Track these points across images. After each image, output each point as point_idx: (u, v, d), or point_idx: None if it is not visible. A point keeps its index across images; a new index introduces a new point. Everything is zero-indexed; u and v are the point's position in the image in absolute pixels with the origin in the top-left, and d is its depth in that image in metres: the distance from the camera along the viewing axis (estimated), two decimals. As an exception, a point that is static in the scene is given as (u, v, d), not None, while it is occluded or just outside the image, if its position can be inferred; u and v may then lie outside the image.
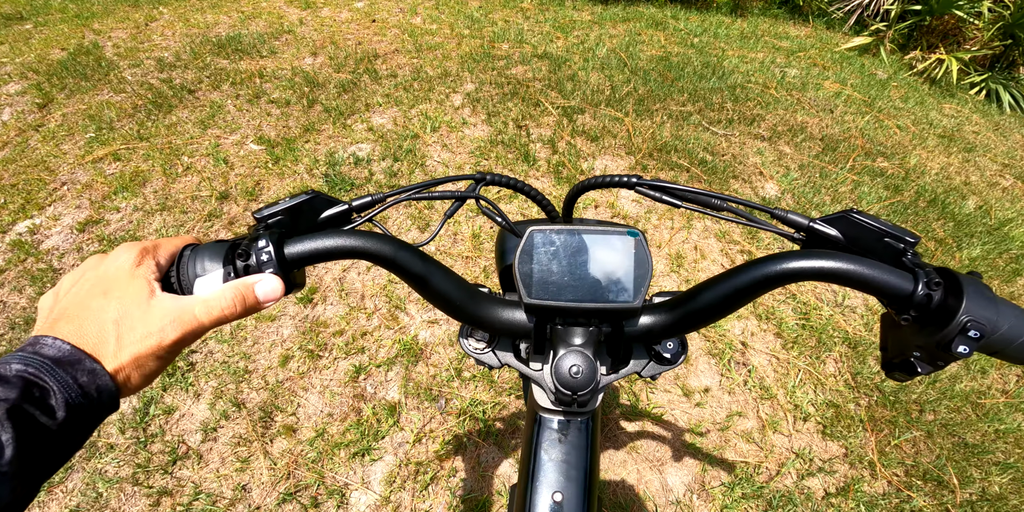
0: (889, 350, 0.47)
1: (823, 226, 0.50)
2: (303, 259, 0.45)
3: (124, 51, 3.65)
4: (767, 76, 3.82)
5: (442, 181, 0.58)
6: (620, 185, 0.57)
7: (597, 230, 0.47)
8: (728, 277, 0.47)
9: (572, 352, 0.48)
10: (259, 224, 0.49)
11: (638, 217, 2.39)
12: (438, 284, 0.49)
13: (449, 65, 3.51)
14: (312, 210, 0.52)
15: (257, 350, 1.76)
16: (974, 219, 2.73)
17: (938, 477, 1.63)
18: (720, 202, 0.54)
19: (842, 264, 0.43)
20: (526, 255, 0.48)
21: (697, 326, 0.49)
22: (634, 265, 0.47)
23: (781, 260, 0.44)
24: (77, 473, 1.45)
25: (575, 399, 0.49)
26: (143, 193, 2.37)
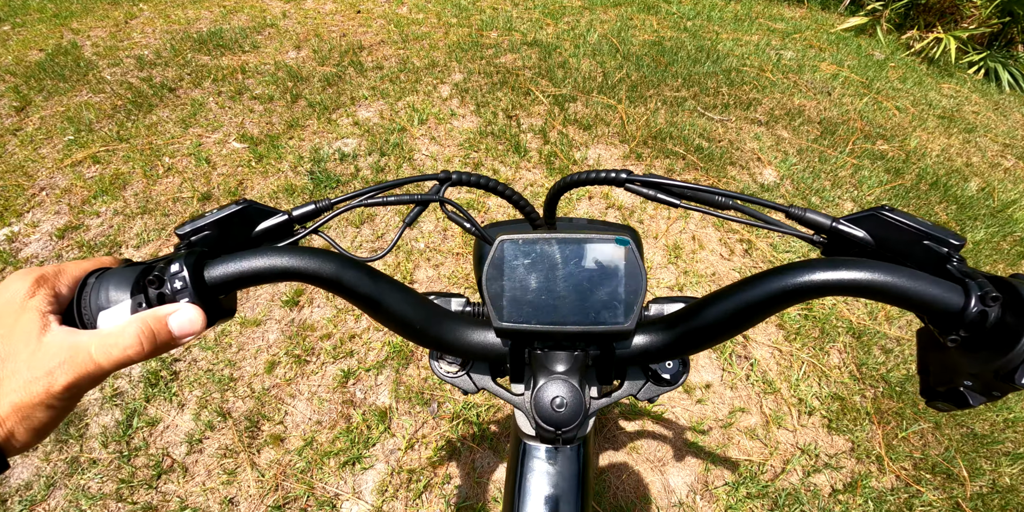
0: (932, 376, 0.39)
1: (849, 227, 0.43)
2: (226, 284, 0.39)
3: (103, 50, 3.56)
4: (762, 59, 3.73)
5: (400, 183, 0.51)
6: (607, 182, 0.49)
7: (578, 237, 0.40)
8: (738, 290, 0.40)
9: (554, 381, 0.42)
10: (181, 242, 0.43)
11: (633, 207, 2.32)
12: (392, 306, 0.42)
13: (436, 55, 3.42)
14: (245, 223, 0.45)
15: (242, 356, 1.70)
16: (977, 202, 2.67)
17: (947, 470, 1.59)
18: (725, 199, 0.47)
19: (875, 275, 0.35)
20: (494, 269, 0.40)
21: (700, 347, 0.42)
22: (624, 279, 0.40)
23: (801, 271, 0.37)
24: (60, 490, 1.40)
25: (559, 436, 0.42)
26: (123, 196, 2.31)
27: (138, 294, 0.36)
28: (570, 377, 0.42)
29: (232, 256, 0.39)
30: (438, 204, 0.52)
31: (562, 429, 0.41)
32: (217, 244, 0.44)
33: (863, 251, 0.43)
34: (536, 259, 0.40)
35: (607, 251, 0.39)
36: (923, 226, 0.40)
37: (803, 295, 0.37)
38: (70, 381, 0.32)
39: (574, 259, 0.40)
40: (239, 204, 0.45)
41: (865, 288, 0.35)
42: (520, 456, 0.53)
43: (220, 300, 0.40)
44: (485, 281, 0.41)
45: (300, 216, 0.48)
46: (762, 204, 0.46)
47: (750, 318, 0.39)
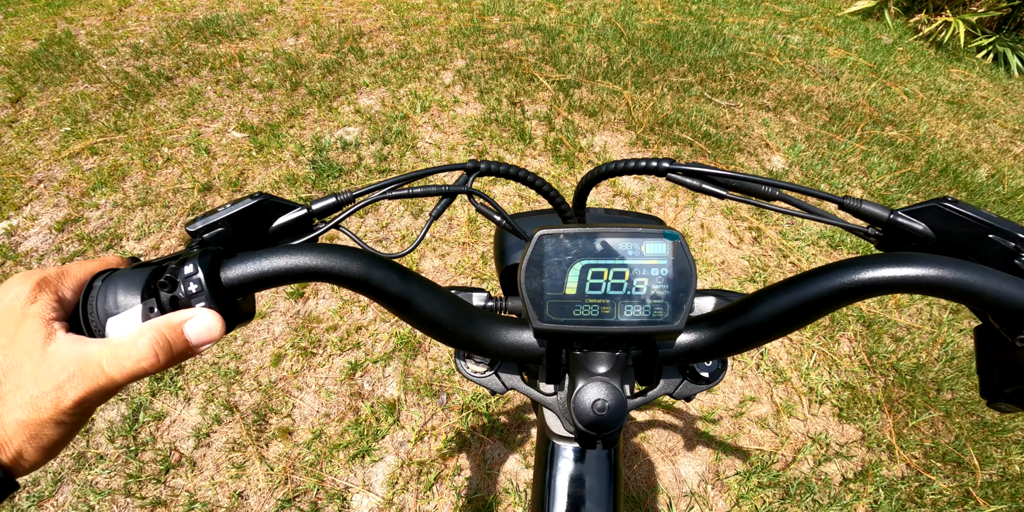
0: (996, 376, 0.37)
1: (908, 219, 0.41)
2: (244, 285, 0.36)
3: (98, 39, 3.49)
4: (769, 43, 3.66)
5: (425, 173, 0.48)
6: (648, 171, 0.46)
7: (625, 231, 0.37)
8: (791, 286, 0.37)
9: (595, 383, 0.39)
10: (193, 240, 0.40)
11: (641, 195, 2.29)
12: (423, 306, 0.39)
13: (438, 41, 3.36)
14: (262, 217, 0.43)
15: (248, 349, 1.69)
16: (987, 188, 2.64)
17: (957, 458, 1.58)
18: (771, 190, 0.44)
19: (946, 272, 0.33)
20: (534, 267, 0.37)
21: (748, 346, 0.40)
22: (674, 275, 0.37)
23: (862, 267, 0.35)
24: (67, 486, 1.39)
25: (601, 439, 0.40)
26: (122, 188, 2.27)
27: (149, 298, 0.34)
28: (611, 379, 0.39)
29: (250, 255, 0.36)
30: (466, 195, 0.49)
31: (604, 433, 0.39)
32: (232, 241, 0.41)
33: (922, 245, 0.41)
34: (578, 255, 0.37)
35: (655, 246, 0.37)
36: (988, 219, 0.37)
37: (864, 293, 0.35)
38: (80, 396, 0.30)
39: (619, 255, 0.37)
40: (255, 198, 0.42)
41: (932, 285, 0.33)
42: (549, 456, 0.51)
43: (238, 303, 0.37)
44: (524, 279, 0.38)
45: (320, 210, 0.45)
46: (813, 194, 0.43)
47: (804, 316, 0.37)
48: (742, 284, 1.99)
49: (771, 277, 2.02)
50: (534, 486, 0.52)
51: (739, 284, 1.99)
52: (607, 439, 0.39)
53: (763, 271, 2.04)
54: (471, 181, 0.48)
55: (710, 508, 1.44)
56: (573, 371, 0.41)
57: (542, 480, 0.50)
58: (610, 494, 0.47)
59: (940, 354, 1.83)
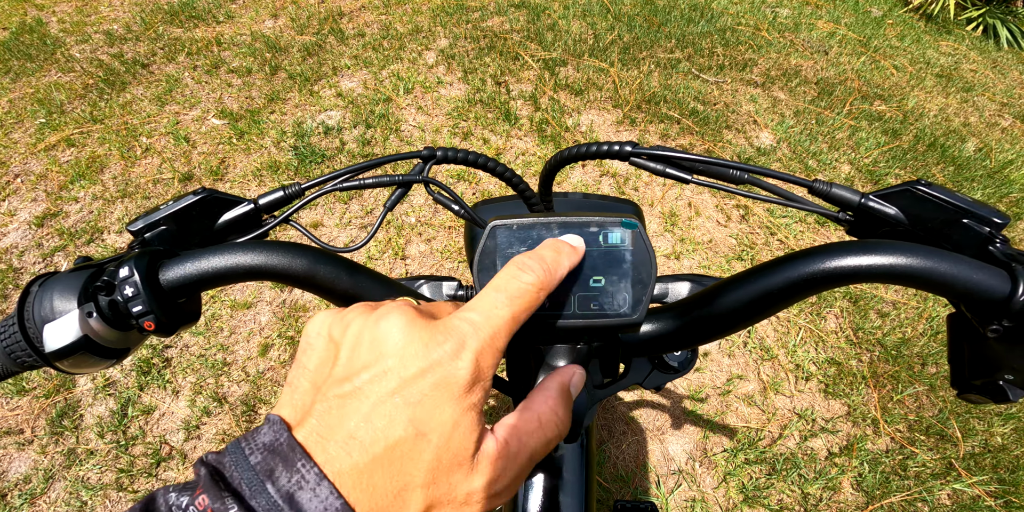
0: (967, 367, 0.36)
1: (879, 203, 0.39)
2: (185, 287, 0.35)
3: (70, 26, 3.38)
4: (758, 17, 3.60)
5: (378, 162, 0.46)
6: (609, 156, 0.45)
7: (580, 220, 0.35)
8: (757, 276, 0.36)
9: None
10: (135, 241, 0.39)
11: (628, 174, 2.27)
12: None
13: (420, 20, 3.28)
14: (206, 214, 0.41)
15: (235, 340, 1.68)
16: (974, 162, 2.63)
17: (941, 431, 1.61)
18: (740, 174, 0.43)
19: (917, 261, 0.31)
20: (487, 258, 0.36)
21: (714, 336, 0.39)
22: (632, 266, 0.35)
23: (829, 256, 0.33)
24: (59, 482, 1.39)
25: None
26: (101, 180, 2.23)
27: (87, 303, 0.33)
28: None
29: (190, 255, 0.35)
30: (422, 185, 0.47)
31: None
32: (176, 240, 0.40)
33: (894, 230, 0.39)
34: (533, 245, 0.36)
35: (612, 236, 0.35)
36: (963, 202, 0.36)
37: (831, 282, 0.34)
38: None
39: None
40: (197, 194, 0.41)
41: (901, 275, 0.32)
42: None
43: (180, 305, 0.36)
44: (477, 271, 0.36)
45: (267, 205, 0.44)
46: (782, 178, 0.42)
47: (770, 306, 0.36)
48: (730, 262, 1.99)
49: (759, 255, 2.02)
50: None
51: (727, 263, 1.99)
52: (571, 433, 0.38)
53: (751, 249, 2.04)
54: (427, 170, 0.47)
55: (698, 485, 1.47)
56: (534, 365, 0.40)
57: None
58: (582, 486, 0.47)
59: (925, 329, 1.85)
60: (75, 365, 0.34)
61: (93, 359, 0.34)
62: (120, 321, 0.34)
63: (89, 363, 0.34)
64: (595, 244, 0.35)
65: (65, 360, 0.33)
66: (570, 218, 0.35)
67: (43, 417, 1.52)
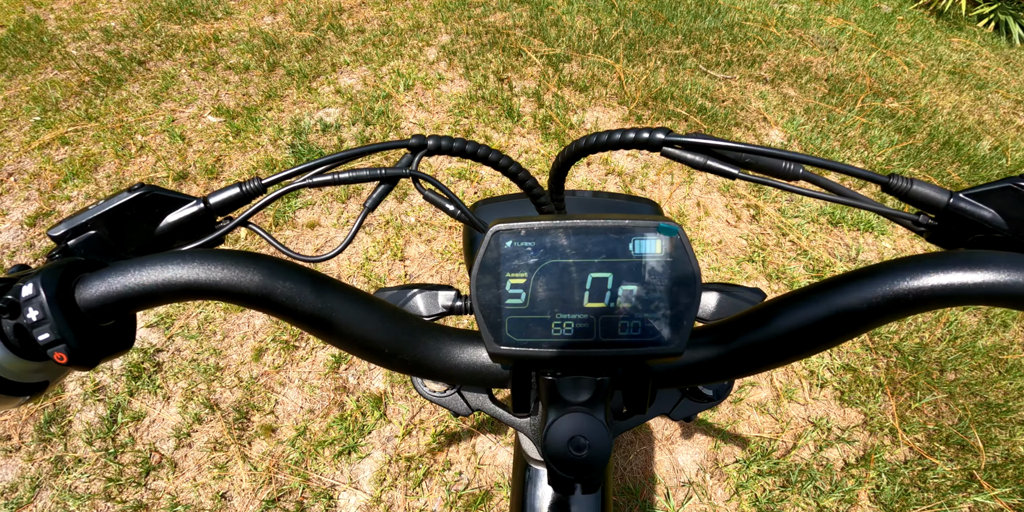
0: None
1: (973, 204, 0.32)
2: (106, 308, 0.28)
3: (68, 23, 3.34)
4: (766, 13, 3.53)
5: (358, 153, 0.38)
6: (638, 145, 0.37)
7: (607, 225, 0.28)
8: (820, 294, 0.29)
9: (573, 416, 0.30)
10: (55, 249, 0.33)
11: (635, 172, 2.21)
12: (350, 324, 0.31)
13: (421, 16, 3.22)
14: (146, 216, 0.35)
15: (228, 345, 1.63)
16: (990, 161, 2.56)
17: (961, 441, 1.55)
18: (794, 167, 0.35)
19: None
20: (488, 273, 0.29)
21: (763, 367, 0.32)
22: (671, 282, 0.28)
23: (919, 270, 0.27)
24: (46, 491, 1.34)
25: (580, 482, 0.31)
26: (95, 179, 2.18)
27: None
28: (592, 410, 0.31)
29: (115, 267, 0.29)
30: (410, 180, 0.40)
31: (582, 476, 0.30)
32: (108, 247, 0.34)
33: (988, 237, 0.33)
34: (546, 255, 0.29)
35: (646, 243, 0.28)
36: None
37: (923, 304, 0.27)
38: None
39: (600, 254, 0.29)
40: (134, 191, 0.34)
41: (1015, 296, 0.25)
42: (526, 483, 0.45)
43: (105, 329, 0.30)
44: (476, 288, 0.29)
45: (220, 204, 0.37)
46: (848, 172, 0.34)
47: (838, 333, 0.29)
48: (740, 264, 1.92)
49: (770, 256, 1.95)
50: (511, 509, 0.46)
51: (737, 264, 1.92)
52: (587, 483, 0.31)
53: (762, 250, 1.97)
54: (416, 162, 0.39)
55: (709, 498, 1.41)
56: (545, 399, 0.33)
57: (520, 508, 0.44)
58: None
59: (943, 334, 1.78)
60: None
61: (2, 397, 0.28)
62: (31, 349, 0.28)
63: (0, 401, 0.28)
64: (623, 254, 0.28)
65: None
66: (592, 222, 0.28)
67: (31, 423, 1.47)
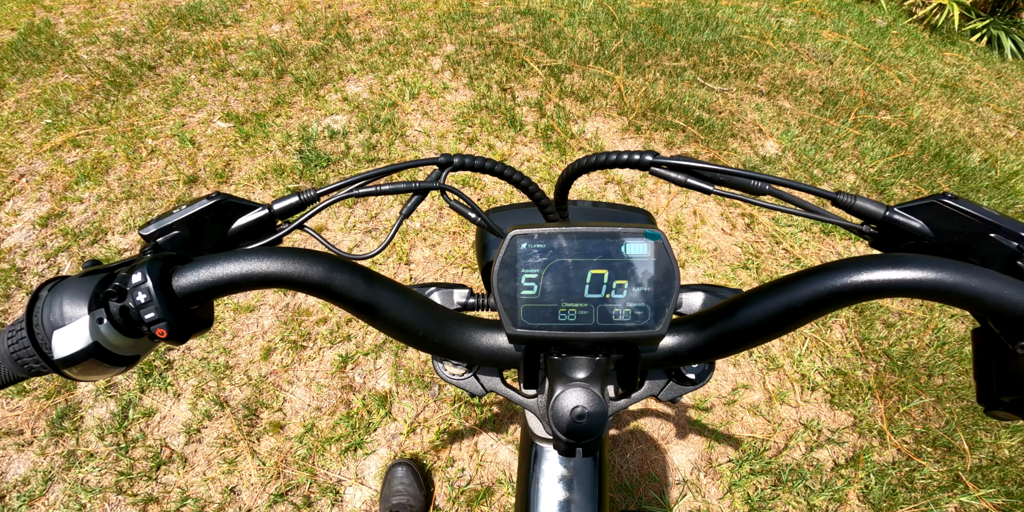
0: (995, 383, 0.35)
1: (905, 216, 0.39)
2: (198, 294, 0.34)
3: (78, 28, 3.41)
4: (763, 26, 3.61)
5: (395, 169, 0.46)
6: (629, 165, 0.44)
7: (603, 232, 0.35)
8: (781, 288, 0.35)
9: (574, 389, 0.37)
10: (147, 246, 0.38)
11: (633, 182, 2.27)
12: (391, 311, 0.37)
13: (426, 26, 3.29)
14: (220, 219, 0.41)
15: (237, 344, 1.67)
16: (979, 173, 2.63)
17: (948, 443, 1.60)
18: (761, 185, 0.42)
19: (946, 276, 0.31)
20: (507, 269, 0.35)
21: (735, 349, 0.38)
22: (655, 278, 0.35)
23: (856, 269, 0.33)
24: (58, 484, 1.38)
25: (581, 446, 0.38)
26: (106, 181, 2.23)
27: (98, 309, 0.32)
28: (591, 384, 0.38)
29: (204, 261, 0.34)
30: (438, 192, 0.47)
31: (583, 440, 0.37)
32: (189, 245, 0.39)
33: (919, 244, 0.39)
34: (554, 255, 0.35)
35: (635, 246, 0.35)
36: (990, 216, 0.36)
37: (857, 296, 0.33)
38: None
39: (598, 255, 0.35)
40: (211, 198, 0.40)
41: (931, 290, 0.31)
42: (532, 459, 0.50)
43: (193, 312, 0.36)
44: (497, 282, 0.36)
45: (282, 210, 0.44)
46: (805, 189, 0.42)
47: (794, 320, 0.35)
48: (735, 271, 1.98)
49: (764, 264, 2.01)
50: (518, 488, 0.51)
51: (732, 271, 1.98)
52: (587, 447, 0.38)
53: (756, 258, 2.03)
54: (444, 176, 0.46)
55: (703, 496, 1.45)
56: (551, 376, 0.39)
57: (526, 483, 0.49)
58: (595, 497, 0.46)
59: (931, 339, 1.84)
60: (84, 372, 0.33)
61: (102, 366, 0.33)
62: (131, 328, 0.33)
63: (98, 370, 0.34)
64: (617, 255, 0.35)
65: (74, 367, 0.32)
66: (591, 228, 0.35)
67: (43, 418, 1.51)
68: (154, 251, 0.38)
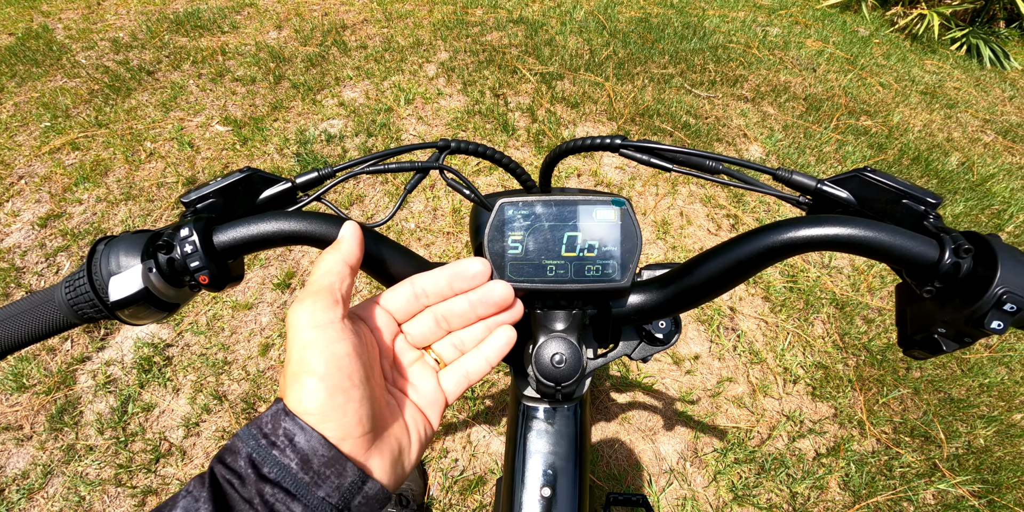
0: (908, 325, 0.41)
1: (833, 188, 0.45)
2: (235, 248, 0.40)
3: (76, 33, 3.45)
4: (749, 35, 3.72)
5: (400, 151, 0.51)
6: (602, 148, 0.51)
7: (576, 199, 0.41)
8: (727, 249, 0.41)
9: (554, 339, 0.43)
10: (187, 210, 0.44)
11: (622, 184, 2.33)
12: (395, 266, 0.43)
13: (421, 34, 3.36)
14: (249, 191, 0.46)
15: (235, 340, 1.71)
16: (957, 176, 2.72)
17: (925, 433, 1.65)
18: (715, 164, 0.49)
19: (856, 230, 0.37)
20: (496, 231, 0.41)
21: (693, 304, 0.44)
22: (621, 238, 0.41)
23: (786, 228, 0.39)
24: (57, 478, 1.41)
25: (559, 390, 0.44)
26: (105, 183, 2.27)
27: (148, 259, 0.38)
28: (568, 335, 0.43)
29: (239, 221, 0.40)
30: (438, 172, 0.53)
31: (561, 384, 0.43)
32: (222, 212, 0.45)
33: (846, 211, 0.45)
34: (535, 220, 0.41)
35: (603, 212, 0.41)
36: (903, 186, 0.42)
37: (789, 251, 0.39)
38: None
39: (572, 220, 0.41)
40: (243, 172, 0.45)
41: (847, 243, 0.37)
42: (519, 417, 0.55)
43: (228, 265, 0.42)
44: (487, 242, 0.42)
45: (303, 183, 0.49)
46: (750, 167, 0.48)
47: (740, 274, 0.41)
48: (721, 270, 2.04)
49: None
50: (506, 447, 0.56)
51: (718, 270, 2.04)
52: (565, 391, 0.43)
53: (741, 257, 2.09)
54: (442, 158, 0.52)
55: (689, 484, 1.50)
56: (536, 329, 0.45)
57: (514, 438, 0.54)
58: (576, 450, 0.51)
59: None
60: (133, 315, 0.39)
61: (150, 310, 0.39)
62: (176, 278, 0.39)
63: (146, 314, 0.39)
64: (589, 219, 0.41)
65: (126, 310, 0.38)
66: (567, 197, 0.41)
67: (43, 413, 1.54)
68: (194, 215, 0.43)
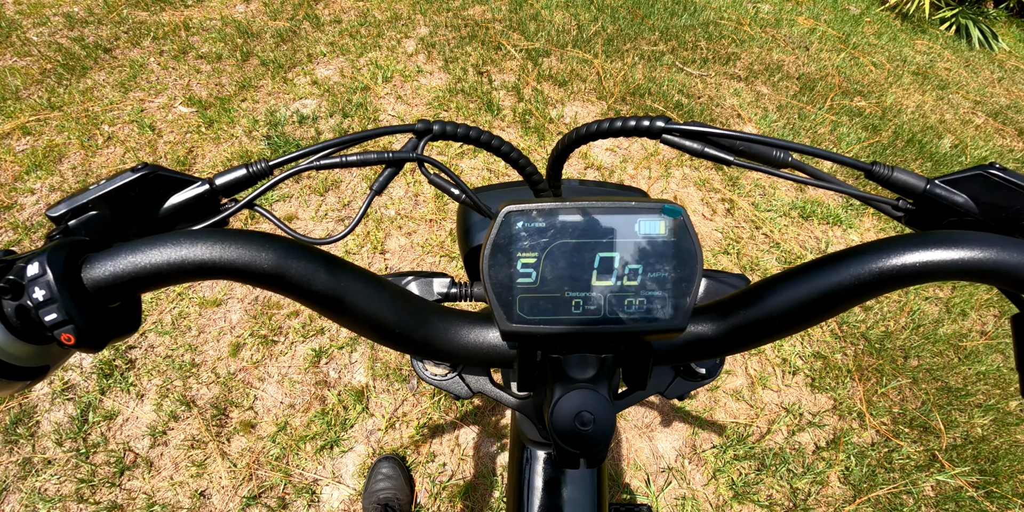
0: None
1: (948, 190, 0.35)
2: (115, 288, 0.27)
3: (27, 8, 3.19)
4: (740, 12, 3.60)
5: (365, 136, 0.38)
6: (638, 133, 0.38)
7: (612, 207, 0.29)
8: (812, 273, 0.31)
9: (577, 392, 0.31)
10: (55, 230, 0.32)
11: (613, 167, 2.23)
12: (361, 305, 0.31)
13: (399, 7, 3.18)
14: (150, 196, 0.34)
15: (204, 340, 1.59)
16: (950, 158, 2.67)
17: (924, 423, 1.62)
18: (783, 155, 0.37)
19: (1001, 254, 0.27)
20: (500, 253, 0.30)
21: (758, 342, 0.33)
22: (675, 261, 0.30)
23: (898, 249, 0.29)
24: (13, 494, 1.30)
25: (585, 457, 0.32)
26: (59, 171, 2.10)
27: None
28: (596, 386, 0.32)
29: (124, 247, 0.28)
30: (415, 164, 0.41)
31: (588, 450, 0.32)
32: (111, 228, 0.33)
33: (961, 221, 0.35)
34: (555, 235, 0.30)
35: (650, 224, 0.30)
36: None
37: (901, 281, 0.29)
38: None
39: (607, 235, 0.30)
40: (137, 170, 0.34)
41: (984, 271, 0.27)
42: (524, 463, 0.45)
43: (112, 310, 0.29)
44: (488, 268, 0.30)
45: (225, 185, 0.37)
46: (834, 160, 0.36)
47: (828, 308, 0.31)
48: (715, 256, 1.97)
49: (744, 249, 2.00)
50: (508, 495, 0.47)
51: (712, 256, 1.97)
52: (592, 457, 0.32)
53: (736, 243, 2.02)
54: (422, 146, 0.40)
55: (688, 482, 1.44)
56: (551, 377, 0.34)
57: (517, 489, 0.45)
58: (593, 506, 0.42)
59: (907, 322, 1.86)
60: None
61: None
62: (32, 332, 0.27)
63: None
64: (630, 234, 0.30)
65: None
66: (599, 203, 0.29)
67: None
68: (64, 236, 0.31)
